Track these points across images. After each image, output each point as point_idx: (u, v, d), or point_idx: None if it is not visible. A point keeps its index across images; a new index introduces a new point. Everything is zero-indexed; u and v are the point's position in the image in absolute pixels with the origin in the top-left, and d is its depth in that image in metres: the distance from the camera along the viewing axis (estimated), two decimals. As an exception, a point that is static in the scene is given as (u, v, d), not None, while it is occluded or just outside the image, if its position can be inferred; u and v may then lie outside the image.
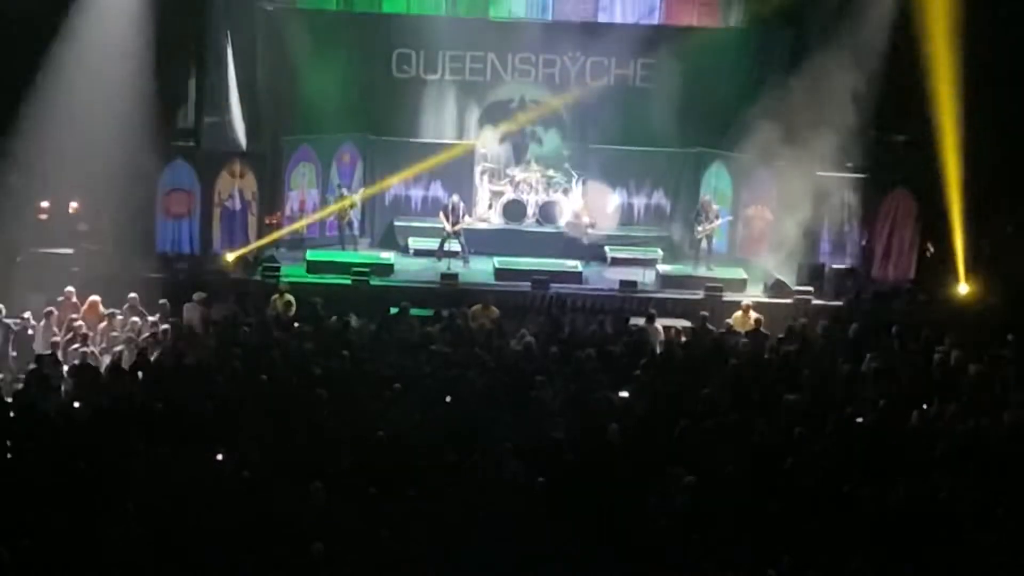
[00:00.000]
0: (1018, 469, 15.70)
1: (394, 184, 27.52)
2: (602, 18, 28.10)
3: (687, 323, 22.67)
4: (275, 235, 25.82)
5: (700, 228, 26.16)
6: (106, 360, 19.40)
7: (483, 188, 27.78)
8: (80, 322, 20.18)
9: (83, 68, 23.84)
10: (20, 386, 18.12)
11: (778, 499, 14.66)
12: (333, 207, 26.46)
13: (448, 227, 25.88)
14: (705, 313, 22.45)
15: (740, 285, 25.10)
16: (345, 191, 26.44)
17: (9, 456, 15.46)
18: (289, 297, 22.22)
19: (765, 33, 27.34)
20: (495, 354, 19.45)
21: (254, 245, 25.27)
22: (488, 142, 28.08)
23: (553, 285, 24.49)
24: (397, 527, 13.59)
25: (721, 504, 14.54)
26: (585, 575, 13.18)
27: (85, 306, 21.00)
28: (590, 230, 26.86)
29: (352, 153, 27.33)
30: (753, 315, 22.33)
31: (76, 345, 19.44)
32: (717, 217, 26.29)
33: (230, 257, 24.62)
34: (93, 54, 23.95)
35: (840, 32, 25.15)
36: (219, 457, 15.16)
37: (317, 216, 26.81)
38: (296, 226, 26.46)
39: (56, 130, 23.57)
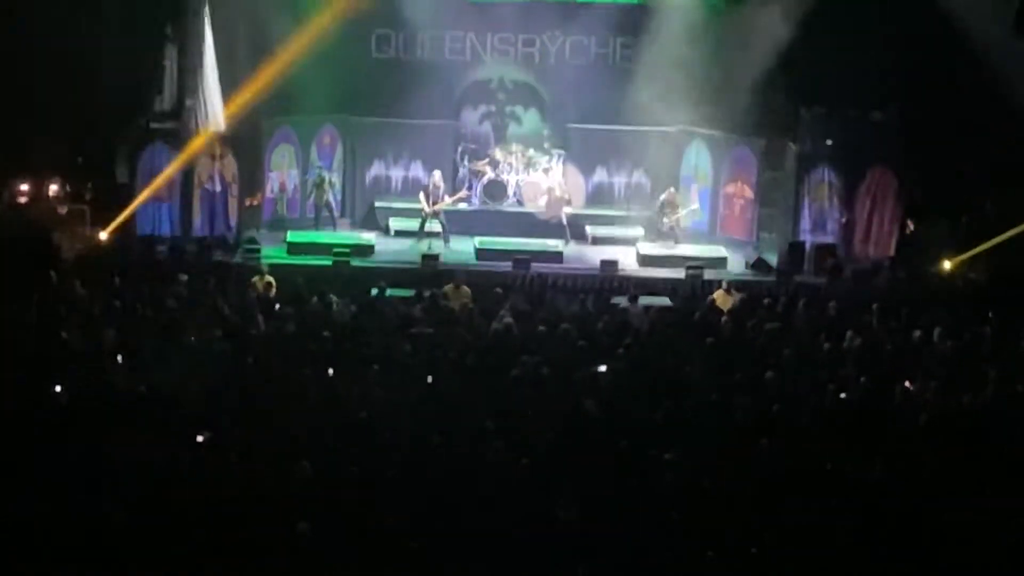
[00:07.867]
0: (997, 445, 15.77)
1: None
2: (581, -3, 28.09)
3: (668, 302, 22.69)
4: None
5: (665, 220, 26.28)
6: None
7: (463, 168, 27.72)
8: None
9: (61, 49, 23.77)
10: None
11: (760, 477, 14.68)
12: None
13: (427, 207, 25.84)
14: (686, 292, 22.50)
15: (721, 263, 25.13)
16: (325, 173, 26.35)
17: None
18: (270, 278, 22.18)
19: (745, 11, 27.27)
20: (475, 334, 19.45)
21: None
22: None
23: (534, 265, 24.49)
24: (380, 508, 13.59)
25: (703, 482, 14.57)
26: (568, 555, 13.19)
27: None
28: (567, 208, 26.81)
29: (332, 134, 27.27)
30: (735, 293, 22.37)
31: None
32: (681, 208, 26.43)
33: None
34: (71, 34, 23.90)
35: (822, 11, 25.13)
36: (199, 439, 15.12)
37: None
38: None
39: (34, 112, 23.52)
